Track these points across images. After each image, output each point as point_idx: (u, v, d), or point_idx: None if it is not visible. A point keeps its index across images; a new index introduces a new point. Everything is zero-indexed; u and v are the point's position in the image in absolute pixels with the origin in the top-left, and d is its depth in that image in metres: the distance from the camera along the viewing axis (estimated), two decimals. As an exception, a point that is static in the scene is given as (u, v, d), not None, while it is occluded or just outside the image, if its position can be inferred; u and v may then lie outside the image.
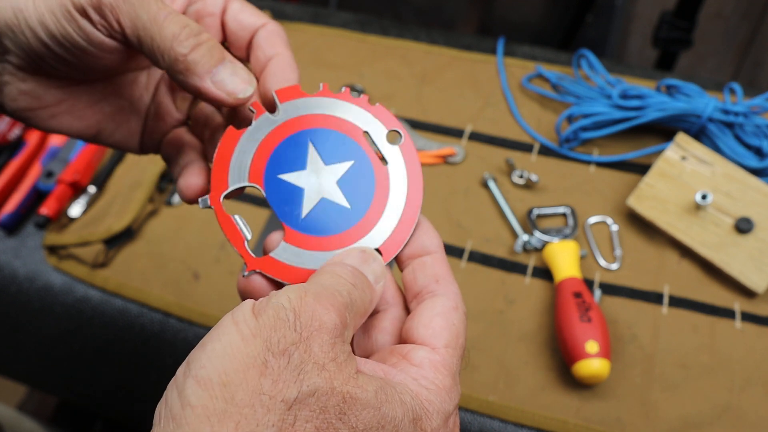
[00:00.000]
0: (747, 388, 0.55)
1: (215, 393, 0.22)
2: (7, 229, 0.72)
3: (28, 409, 1.17)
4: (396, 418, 0.24)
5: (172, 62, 0.30)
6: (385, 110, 0.34)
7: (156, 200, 0.71)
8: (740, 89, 0.66)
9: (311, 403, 0.23)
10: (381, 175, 0.33)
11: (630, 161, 0.68)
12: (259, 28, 0.35)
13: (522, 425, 0.56)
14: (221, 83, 0.31)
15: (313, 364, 0.23)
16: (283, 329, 0.23)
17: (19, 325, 0.70)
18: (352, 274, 0.29)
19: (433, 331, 0.29)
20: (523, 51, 0.79)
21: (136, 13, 0.30)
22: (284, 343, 0.23)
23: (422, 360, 0.28)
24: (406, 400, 0.25)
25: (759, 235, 0.59)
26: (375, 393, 0.24)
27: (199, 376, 0.22)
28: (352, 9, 0.95)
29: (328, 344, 0.24)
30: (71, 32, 0.30)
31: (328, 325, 0.24)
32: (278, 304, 0.24)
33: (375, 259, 0.31)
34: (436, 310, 0.30)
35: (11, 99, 0.33)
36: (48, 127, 0.35)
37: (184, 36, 0.30)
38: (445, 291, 0.31)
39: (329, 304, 0.25)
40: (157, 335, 0.65)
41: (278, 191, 0.32)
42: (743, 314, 0.58)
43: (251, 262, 0.31)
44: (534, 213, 0.65)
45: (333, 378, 0.23)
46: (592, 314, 0.55)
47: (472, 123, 0.73)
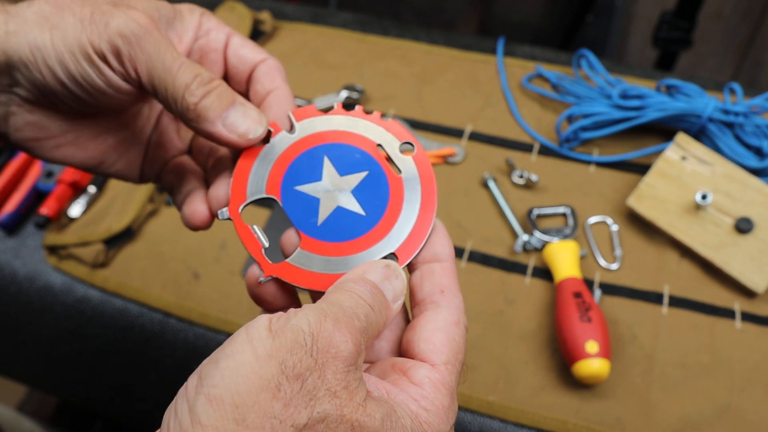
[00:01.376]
0: (747, 388, 0.55)
1: (226, 414, 0.22)
2: (7, 229, 0.72)
3: (27, 409, 1.17)
4: None
5: (184, 110, 0.31)
6: (397, 124, 0.35)
7: (156, 200, 0.71)
8: (740, 89, 0.66)
9: (320, 429, 0.23)
10: (395, 184, 0.34)
11: (630, 161, 0.68)
12: (259, 63, 0.37)
13: (522, 425, 0.56)
14: (232, 126, 0.32)
15: (326, 390, 0.23)
16: (300, 353, 0.24)
17: (19, 325, 0.70)
18: (371, 295, 0.29)
19: (434, 346, 0.29)
20: (523, 51, 0.79)
21: (153, 63, 0.31)
22: (299, 368, 0.23)
23: (422, 379, 0.28)
24: (407, 424, 0.26)
25: (759, 235, 0.59)
26: (381, 421, 0.25)
27: (211, 395, 0.22)
28: (352, 9, 0.94)
29: (342, 372, 0.24)
30: (92, 74, 0.31)
31: (344, 354, 0.25)
32: (297, 326, 0.24)
33: (398, 276, 0.30)
34: (438, 324, 0.30)
35: (16, 129, 0.33)
36: (51, 157, 0.35)
37: (195, 86, 0.31)
38: (448, 303, 0.31)
39: (347, 331, 0.25)
40: (157, 335, 0.65)
41: (295, 202, 0.34)
42: (743, 314, 0.58)
43: (268, 267, 0.32)
44: (534, 213, 0.65)
45: (344, 406, 0.24)
46: (592, 314, 0.55)
47: (472, 123, 0.73)
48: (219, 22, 0.37)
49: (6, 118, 0.33)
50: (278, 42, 0.83)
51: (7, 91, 0.32)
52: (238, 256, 0.66)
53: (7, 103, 0.33)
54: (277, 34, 0.84)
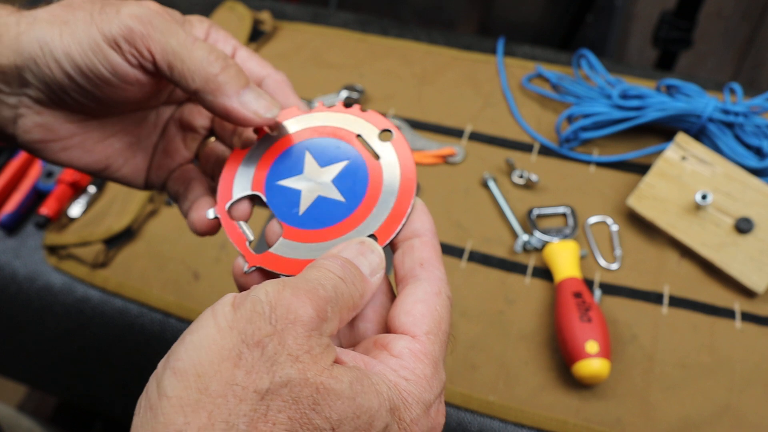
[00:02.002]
0: (747, 388, 0.55)
1: (190, 384, 0.23)
2: (7, 229, 0.72)
3: (27, 409, 1.17)
4: (372, 408, 0.25)
5: (204, 83, 0.32)
6: (376, 114, 0.36)
7: (156, 200, 0.71)
8: (740, 89, 0.66)
9: (284, 393, 0.23)
10: (374, 170, 0.35)
11: (630, 161, 0.68)
12: (265, 78, 0.37)
13: (522, 425, 0.56)
14: (248, 104, 0.33)
15: (287, 355, 0.24)
16: (258, 321, 0.24)
17: (19, 325, 0.70)
18: (341, 267, 0.29)
19: (413, 318, 0.29)
20: (523, 51, 0.79)
21: (166, 40, 0.31)
22: (258, 335, 0.24)
23: (402, 350, 0.28)
24: (382, 390, 0.25)
25: (759, 235, 0.59)
26: (350, 384, 0.24)
27: (176, 367, 0.23)
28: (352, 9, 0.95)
29: (302, 336, 0.24)
30: (96, 64, 0.31)
31: (303, 318, 0.25)
32: (255, 297, 0.25)
33: (373, 250, 0.31)
34: (417, 296, 0.30)
35: (25, 131, 0.34)
36: (58, 159, 0.36)
37: (213, 58, 0.32)
38: (428, 276, 0.31)
39: (306, 298, 0.25)
40: (157, 335, 0.65)
41: (278, 196, 0.35)
42: (743, 314, 0.58)
43: (252, 258, 0.34)
44: (534, 213, 0.65)
45: (306, 369, 0.24)
46: (592, 314, 0.55)
47: (472, 123, 0.73)
48: (227, 34, 0.37)
49: (15, 120, 0.34)
50: (278, 42, 0.83)
51: (17, 93, 0.33)
52: (240, 256, 0.66)
53: (16, 106, 0.33)
54: (277, 34, 0.84)
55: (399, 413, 0.26)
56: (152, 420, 0.22)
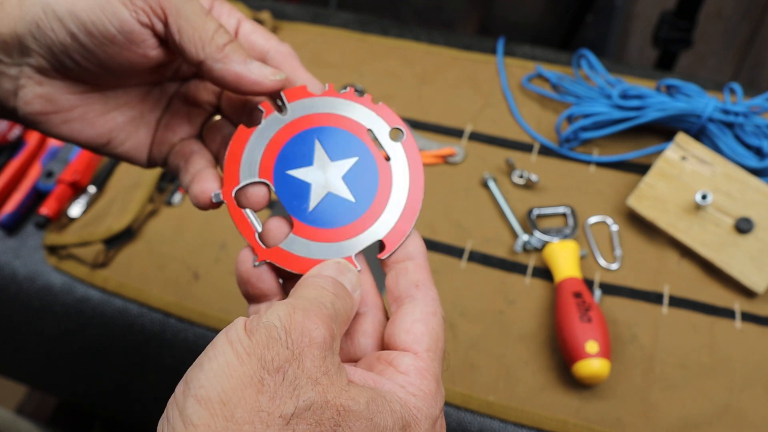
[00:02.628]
0: (747, 388, 0.55)
1: (216, 411, 0.23)
2: (7, 229, 0.72)
3: (27, 409, 1.17)
4: (387, 427, 0.26)
5: (214, 51, 0.32)
6: (387, 109, 0.36)
7: (156, 200, 0.71)
8: (740, 89, 0.66)
9: (307, 417, 0.24)
10: (384, 170, 0.35)
11: (630, 161, 0.68)
12: (269, 50, 0.37)
13: (522, 425, 0.56)
14: (255, 69, 0.33)
15: (307, 379, 0.24)
16: (276, 347, 0.24)
17: (19, 325, 0.70)
18: (332, 284, 0.30)
19: (414, 336, 0.30)
20: (523, 51, 0.79)
21: (182, 4, 0.32)
22: (278, 361, 0.24)
23: (408, 367, 0.29)
24: (395, 408, 0.27)
25: (759, 235, 0.59)
26: (367, 404, 0.25)
27: (199, 395, 0.23)
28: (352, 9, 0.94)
29: (319, 358, 0.25)
30: (104, 20, 0.31)
31: (318, 340, 0.26)
32: (269, 323, 0.25)
33: (350, 270, 0.32)
34: (415, 316, 0.31)
35: (25, 102, 0.34)
36: (59, 132, 0.35)
37: (223, 31, 0.33)
38: (424, 296, 0.32)
39: (317, 319, 0.26)
40: (157, 335, 0.65)
41: (287, 186, 0.34)
42: (743, 314, 0.58)
43: (262, 252, 0.33)
44: (534, 213, 0.65)
45: (326, 391, 0.24)
46: (592, 314, 0.55)
47: (472, 123, 0.73)
48: (231, 7, 0.37)
49: (16, 92, 0.33)
50: (278, 42, 0.83)
51: (18, 64, 0.33)
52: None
53: (17, 77, 0.33)
54: (277, 34, 0.84)
55: (410, 429, 0.27)
56: None
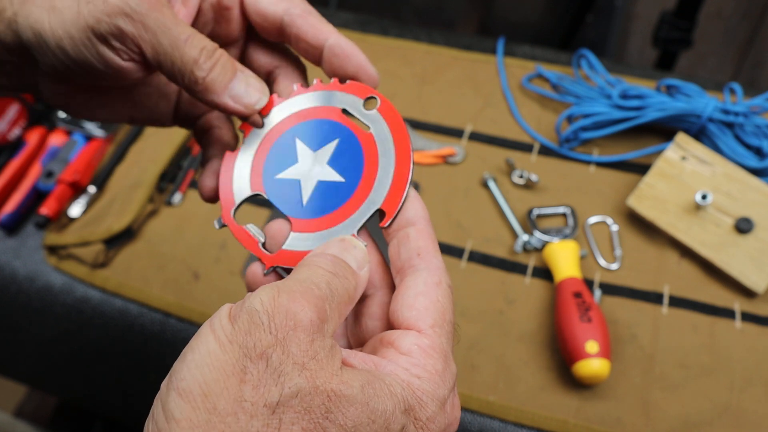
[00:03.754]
0: (747, 388, 0.55)
1: (197, 404, 0.22)
2: (7, 229, 0.72)
3: (27, 410, 1.16)
4: (386, 411, 0.24)
5: (192, 84, 0.32)
6: (357, 84, 0.35)
7: (156, 200, 0.71)
8: (740, 89, 0.66)
9: (295, 404, 0.22)
10: (367, 143, 0.34)
11: (630, 161, 0.68)
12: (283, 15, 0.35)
13: (522, 425, 0.56)
14: (238, 97, 0.33)
15: (293, 364, 0.23)
16: (258, 332, 0.23)
17: (19, 325, 0.70)
18: (331, 262, 0.28)
19: (417, 312, 0.28)
20: (523, 51, 0.79)
21: (158, 40, 0.31)
22: (261, 347, 0.23)
23: (410, 347, 0.27)
24: (396, 391, 0.25)
25: (759, 235, 0.59)
26: (361, 388, 0.24)
27: (180, 388, 0.22)
28: (352, 9, 0.94)
29: (305, 342, 0.24)
30: (89, 58, 0.31)
31: (304, 323, 0.24)
32: (251, 307, 0.24)
33: (355, 246, 0.30)
34: (418, 288, 0.29)
35: (46, 97, 0.35)
36: (82, 116, 0.37)
37: (203, 60, 0.31)
38: (426, 265, 0.30)
39: (304, 300, 0.25)
40: (157, 335, 0.65)
41: (278, 190, 0.34)
42: (743, 314, 0.58)
43: (268, 260, 0.33)
44: (534, 213, 0.65)
45: (315, 377, 0.23)
46: (592, 314, 0.55)
47: (472, 123, 0.73)
48: None
49: (36, 86, 0.35)
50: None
51: (31, 65, 0.33)
52: (238, 256, 0.66)
53: (32, 75, 0.34)
54: (277, 34, 0.84)
55: (414, 413, 0.25)
56: None
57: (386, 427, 0.24)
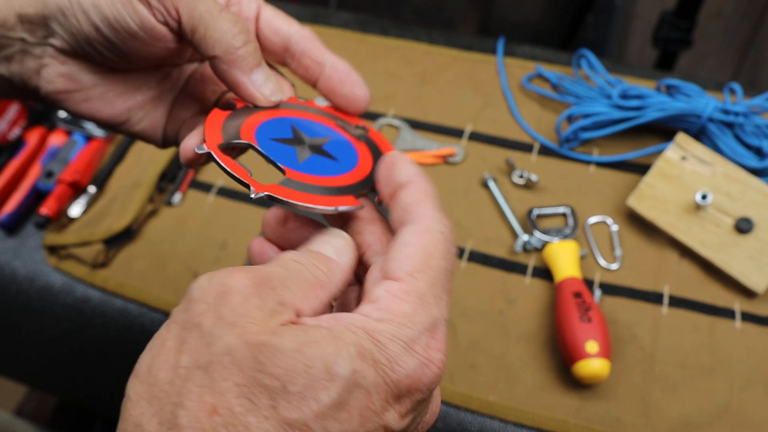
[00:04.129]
0: (747, 388, 0.55)
1: (144, 379, 0.24)
2: (7, 229, 0.72)
3: (27, 410, 1.16)
4: (327, 355, 0.23)
5: (225, 52, 0.33)
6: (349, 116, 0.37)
7: (156, 200, 0.71)
8: (740, 89, 0.66)
9: (224, 361, 0.23)
10: (360, 146, 0.36)
11: (630, 161, 0.68)
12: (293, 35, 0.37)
13: (522, 425, 0.56)
14: (257, 83, 0.34)
15: (224, 325, 0.24)
16: (194, 307, 0.25)
17: (19, 325, 0.70)
18: (296, 253, 0.29)
19: (397, 262, 0.27)
20: (523, 51, 0.79)
21: (195, 5, 0.32)
22: (195, 317, 0.24)
23: (379, 293, 0.26)
24: (343, 335, 0.24)
25: (759, 235, 0.59)
26: (293, 336, 0.23)
27: (135, 371, 0.25)
28: (352, 9, 0.94)
29: (238, 303, 0.24)
30: (125, 16, 0.32)
31: (237, 287, 0.25)
32: (191, 288, 0.26)
33: (336, 236, 0.30)
34: (404, 239, 0.28)
35: (48, 81, 0.35)
36: (79, 110, 0.36)
37: (237, 31, 0.33)
38: (413, 217, 0.29)
39: (240, 272, 0.25)
40: (157, 335, 0.65)
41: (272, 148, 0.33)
42: (743, 314, 0.58)
43: (259, 186, 0.30)
44: (534, 213, 0.65)
45: (245, 333, 0.23)
46: (592, 314, 0.55)
47: (472, 123, 0.73)
48: None
49: (38, 70, 0.34)
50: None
51: (42, 44, 0.34)
52: (239, 256, 0.66)
53: (40, 56, 0.34)
54: (277, 34, 0.84)
55: (372, 355, 0.24)
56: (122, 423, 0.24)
57: (328, 371, 0.23)
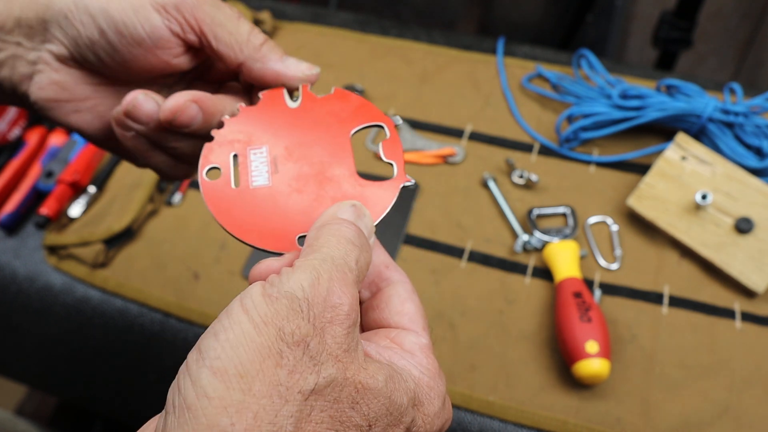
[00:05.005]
0: (747, 388, 0.55)
1: (232, 384, 0.22)
2: (7, 229, 0.72)
3: (27, 409, 1.17)
4: (402, 405, 0.26)
5: (252, 52, 0.35)
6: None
7: (156, 200, 0.71)
8: (740, 89, 0.66)
9: (326, 393, 0.23)
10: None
11: (630, 161, 0.68)
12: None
13: (522, 425, 0.56)
14: (294, 65, 0.36)
15: (328, 355, 0.24)
16: (297, 320, 0.23)
17: (19, 325, 0.70)
18: (356, 234, 0.28)
19: (409, 316, 0.30)
20: (523, 51, 0.79)
21: (215, 13, 0.34)
22: (299, 335, 0.23)
23: (412, 345, 0.29)
24: (410, 387, 0.27)
25: (759, 235, 0.59)
26: (385, 382, 0.25)
27: (215, 367, 0.22)
28: (352, 9, 0.94)
29: (341, 335, 0.24)
30: (136, 23, 0.32)
31: (341, 316, 0.25)
32: (291, 293, 0.24)
33: (365, 214, 0.31)
34: (402, 296, 0.31)
35: (39, 88, 0.34)
36: (67, 121, 0.36)
37: (256, 32, 0.35)
38: (399, 277, 0.32)
39: (344, 288, 0.25)
40: (157, 335, 0.65)
41: None
42: (743, 314, 0.58)
43: None
44: (534, 213, 0.65)
45: (346, 368, 0.24)
46: (592, 314, 0.55)
47: (472, 123, 0.73)
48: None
49: (31, 76, 0.34)
50: (278, 42, 0.83)
51: (38, 49, 0.33)
52: (238, 256, 0.66)
53: (35, 62, 0.34)
54: (277, 34, 0.84)
55: (423, 408, 0.27)
56: (192, 420, 0.22)
57: (399, 419, 0.25)
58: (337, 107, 0.35)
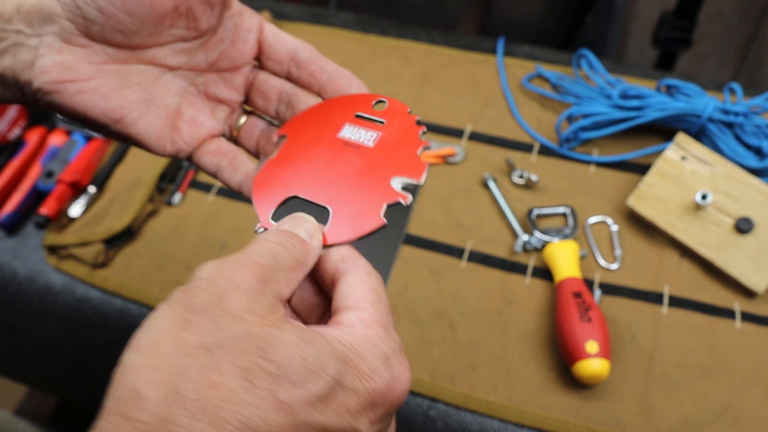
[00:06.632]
0: (747, 388, 0.55)
1: (145, 351, 0.25)
2: (7, 229, 0.72)
3: (27, 410, 1.16)
4: (322, 354, 0.26)
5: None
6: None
7: (156, 200, 0.71)
8: (740, 89, 0.66)
9: (229, 346, 0.25)
10: None
11: (630, 161, 0.68)
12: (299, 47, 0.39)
13: (522, 425, 0.56)
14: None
15: (231, 317, 0.26)
16: (200, 295, 0.26)
17: (19, 325, 0.70)
18: (277, 235, 0.31)
19: (355, 297, 0.31)
20: (523, 51, 0.79)
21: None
22: (202, 305, 0.26)
23: (353, 320, 0.29)
24: (334, 344, 0.27)
25: (759, 235, 0.59)
26: (296, 333, 0.26)
27: (134, 344, 0.25)
28: (352, 9, 0.94)
29: (244, 301, 0.26)
30: None
31: (244, 286, 0.27)
32: (197, 275, 0.27)
33: (306, 220, 0.33)
34: (352, 282, 0.31)
35: (43, 71, 0.34)
36: (72, 103, 0.35)
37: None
38: (354, 265, 0.32)
39: (243, 268, 0.28)
40: (157, 335, 0.65)
41: None
42: (743, 314, 0.58)
43: None
44: (534, 213, 0.65)
45: (252, 325, 0.25)
46: (592, 314, 0.55)
47: (472, 123, 0.73)
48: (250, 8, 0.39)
49: (32, 62, 0.34)
50: (278, 42, 0.83)
51: (39, 34, 0.33)
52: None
53: (36, 47, 0.34)
54: (277, 34, 0.84)
55: (355, 365, 0.27)
56: (115, 390, 0.24)
57: (320, 367, 0.25)
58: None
